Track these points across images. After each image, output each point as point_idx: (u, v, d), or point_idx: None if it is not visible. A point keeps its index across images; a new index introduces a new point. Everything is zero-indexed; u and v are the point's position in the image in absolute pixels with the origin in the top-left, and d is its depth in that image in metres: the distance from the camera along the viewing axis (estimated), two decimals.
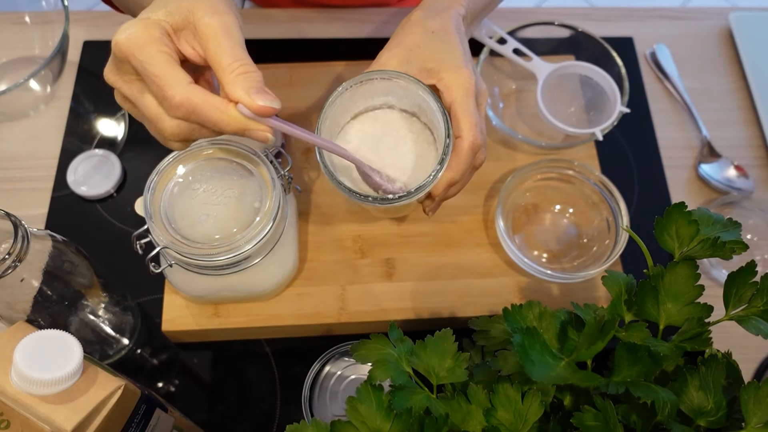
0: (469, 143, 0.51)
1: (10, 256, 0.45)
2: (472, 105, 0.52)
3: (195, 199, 0.55)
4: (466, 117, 0.51)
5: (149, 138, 0.74)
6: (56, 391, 0.39)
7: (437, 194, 0.53)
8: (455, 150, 0.52)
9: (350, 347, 0.47)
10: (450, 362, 0.45)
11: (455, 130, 0.52)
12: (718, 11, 0.87)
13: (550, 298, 0.65)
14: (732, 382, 0.46)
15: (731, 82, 0.82)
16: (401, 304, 0.63)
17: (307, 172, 0.70)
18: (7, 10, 0.78)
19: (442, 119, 0.51)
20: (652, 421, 0.42)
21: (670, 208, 0.48)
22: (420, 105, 0.55)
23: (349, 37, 0.81)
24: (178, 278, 0.58)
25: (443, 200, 0.55)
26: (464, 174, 0.52)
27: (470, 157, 0.52)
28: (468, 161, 0.52)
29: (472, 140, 0.51)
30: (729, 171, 0.75)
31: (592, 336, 0.41)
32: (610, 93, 0.71)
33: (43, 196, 0.71)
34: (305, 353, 0.62)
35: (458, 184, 0.53)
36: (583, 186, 0.68)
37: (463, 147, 0.51)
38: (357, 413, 0.42)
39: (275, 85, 0.74)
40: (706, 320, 0.45)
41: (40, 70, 0.67)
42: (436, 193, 0.53)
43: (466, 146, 0.51)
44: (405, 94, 0.54)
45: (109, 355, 0.63)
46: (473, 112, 0.52)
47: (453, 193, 0.55)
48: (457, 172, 0.52)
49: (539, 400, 0.42)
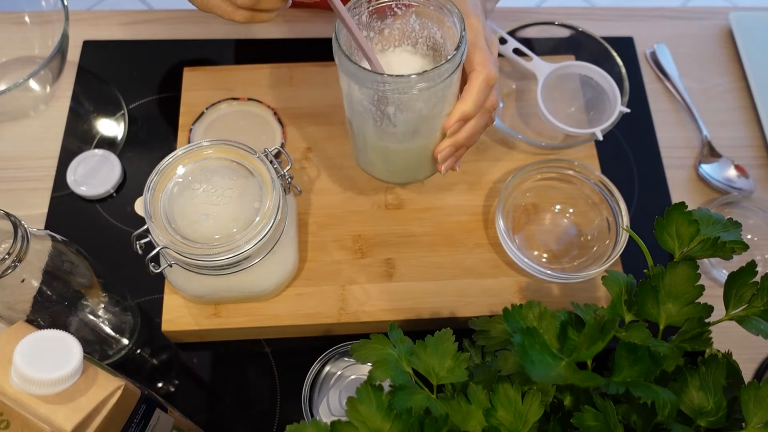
0: (483, 75, 0.51)
1: (9, 256, 0.45)
2: (483, 42, 0.52)
3: (195, 199, 0.55)
4: (478, 51, 0.51)
5: (149, 138, 0.75)
6: (56, 391, 0.39)
7: (448, 126, 0.52)
8: (469, 82, 0.51)
9: (350, 347, 0.47)
10: (450, 362, 0.45)
11: (468, 66, 0.51)
12: (718, 11, 0.87)
13: (550, 298, 0.65)
14: (732, 383, 0.46)
15: (731, 82, 0.82)
16: (401, 304, 0.63)
17: (307, 172, 0.70)
18: (7, 10, 0.78)
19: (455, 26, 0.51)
20: (653, 421, 0.42)
21: (670, 208, 0.48)
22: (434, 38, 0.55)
23: None
24: (178, 278, 0.58)
25: (457, 148, 0.54)
26: (477, 109, 0.52)
27: (485, 91, 0.51)
28: (482, 95, 0.51)
29: (486, 73, 0.51)
30: (729, 171, 0.74)
31: (592, 336, 0.41)
32: (610, 93, 0.71)
33: (42, 196, 0.71)
34: (305, 353, 0.62)
35: (472, 124, 0.53)
36: (583, 186, 0.68)
37: (477, 79, 0.51)
38: (357, 413, 0.42)
39: (275, 85, 0.74)
40: (707, 320, 0.45)
41: (39, 70, 0.67)
42: (448, 125, 0.52)
43: (480, 78, 0.51)
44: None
45: (108, 355, 0.63)
46: (485, 48, 0.52)
47: (465, 137, 0.54)
48: (470, 104, 0.51)
49: (539, 400, 0.42)
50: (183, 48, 0.81)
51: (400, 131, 0.54)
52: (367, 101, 0.53)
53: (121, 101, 0.77)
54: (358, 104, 0.54)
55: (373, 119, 0.54)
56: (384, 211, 0.68)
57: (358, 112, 0.55)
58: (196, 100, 0.73)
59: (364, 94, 0.52)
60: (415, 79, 0.48)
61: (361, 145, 0.60)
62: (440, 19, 0.53)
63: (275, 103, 0.73)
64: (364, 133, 0.57)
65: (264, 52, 0.80)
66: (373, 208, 0.68)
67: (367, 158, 0.61)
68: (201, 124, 0.71)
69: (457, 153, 0.56)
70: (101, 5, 1.83)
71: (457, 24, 0.51)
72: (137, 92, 0.78)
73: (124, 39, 0.81)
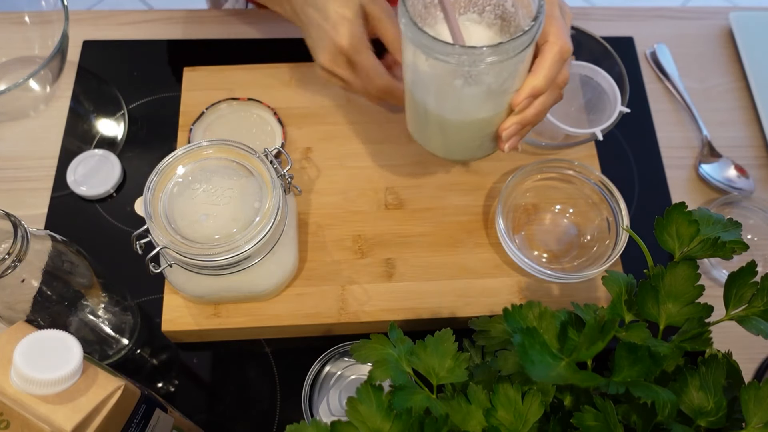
0: (558, 47, 0.48)
1: (9, 256, 0.45)
2: (557, 11, 0.49)
3: (195, 199, 0.55)
4: (552, 21, 0.49)
5: (149, 138, 0.75)
6: (56, 391, 0.39)
7: (517, 103, 0.50)
8: (542, 54, 0.48)
9: (350, 347, 0.47)
10: (450, 362, 0.45)
11: (541, 38, 0.49)
12: (719, 11, 0.87)
13: (550, 298, 0.64)
14: (732, 383, 0.46)
15: (731, 82, 0.82)
16: (401, 304, 0.63)
17: (307, 172, 0.70)
18: (7, 10, 0.78)
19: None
20: (653, 421, 0.42)
21: (670, 208, 0.48)
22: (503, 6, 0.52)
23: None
24: (178, 278, 0.58)
25: (524, 126, 0.52)
26: (549, 84, 0.49)
27: (558, 64, 0.49)
28: (555, 68, 0.49)
29: (561, 44, 0.48)
30: (729, 171, 0.74)
31: (592, 336, 0.41)
32: (610, 93, 0.71)
33: (42, 196, 0.71)
34: (305, 353, 0.62)
35: (541, 100, 0.51)
36: (583, 186, 0.68)
37: (551, 51, 0.48)
38: (357, 413, 0.42)
39: (275, 85, 0.74)
40: (707, 320, 0.45)
41: (39, 70, 0.67)
42: (517, 101, 0.50)
43: (555, 50, 0.48)
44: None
45: (108, 355, 0.63)
46: (560, 17, 0.49)
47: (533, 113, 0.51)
48: (541, 79, 0.49)
49: (539, 400, 0.42)
50: (183, 48, 0.81)
51: (466, 106, 0.51)
52: (434, 72, 0.49)
53: (121, 101, 0.77)
54: (422, 75, 0.51)
55: (438, 91, 0.51)
56: (384, 211, 0.68)
57: (421, 82, 0.52)
58: (196, 100, 0.73)
59: (430, 65, 0.49)
60: (488, 51, 0.45)
61: (420, 118, 0.57)
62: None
63: (275, 103, 0.73)
64: (426, 105, 0.53)
65: (264, 52, 0.80)
66: (373, 208, 0.68)
67: (424, 132, 0.58)
68: (201, 124, 0.71)
69: (522, 131, 0.54)
70: (101, 5, 1.83)
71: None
72: (137, 92, 0.78)
73: (124, 39, 0.81)
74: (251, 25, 0.82)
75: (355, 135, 0.72)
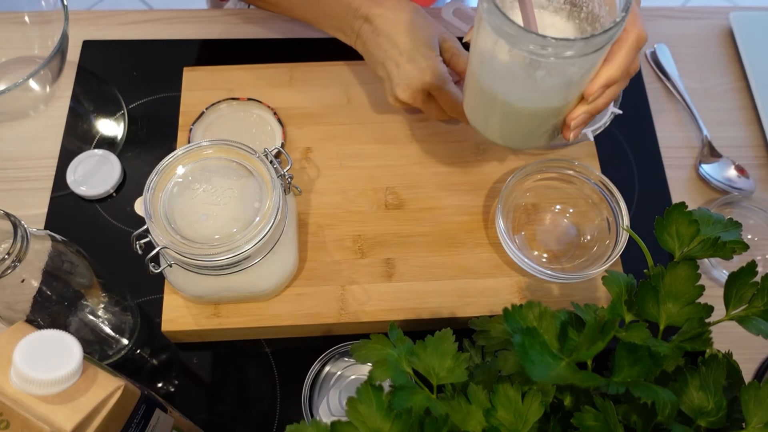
0: (634, 36, 0.48)
1: (9, 256, 0.45)
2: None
3: (195, 199, 0.55)
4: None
5: (149, 138, 0.75)
6: (56, 391, 0.39)
7: (592, 92, 0.49)
8: (618, 42, 0.48)
9: (350, 347, 0.47)
10: (450, 362, 0.45)
11: None
12: (719, 11, 0.87)
13: (550, 298, 0.64)
14: (732, 383, 0.46)
15: (732, 82, 0.82)
16: (401, 304, 0.63)
17: (307, 172, 0.70)
18: (7, 10, 0.78)
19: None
20: (653, 421, 0.42)
21: (670, 208, 0.48)
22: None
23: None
24: (178, 278, 0.58)
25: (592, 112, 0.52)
26: (623, 72, 0.49)
27: (634, 51, 0.48)
28: (631, 55, 0.48)
29: (637, 32, 0.48)
30: (729, 171, 0.74)
31: (592, 336, 0.41)
32: None
33: (42, 196, 0.71)
34: (305, 353, 0.62)
35: (612, 89, 0.50)
36: (583, 186, 0.68)
37: (628, 39, 0.48)
38: (357, 413, 0.42)
39: (275, 85, 0.74)
40: (707, 320, 0.45)
41: (39, 70, 0.67)
42: (591, 91, 0.49)
43: (632, 38, 0.48)
44: None
45: (108, 355, 0.63)
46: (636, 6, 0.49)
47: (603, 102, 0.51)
48: (616, 69, 0.48)
49: (539, 401, 0.42)
50: (183, 48, 0.81)
51: (541, 96, 0.50)
52: (514, 61, 0.48)
53: (121, 101, 0.77)
54: (500, 63, 0.49)
55: (514, 81, 0.49)
56: (384, 211, 0.68)
57: (496, 70, 0.50)
58: (195, 100, 0.73)
59: (513, 54, 0.47)
60: (580, 44, 0.44)
61: (484, 105, 0.54)
62: None
63: (275, 103, 0.73)
64: (495, 92, 0.51)
65: (264, 52, 0.80)
66: (373, 208, 0.68)
67: (486, 118, 0.56)
68: (201, 124, 0.71)
69: (588, 119, 0.53)
70: (101, 5, 1.83)
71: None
72: (137, 92, 0.78)
73: (124, 39, 0.81)
74: (251, 25, 0.82)
75: (355, 135, 0.72)
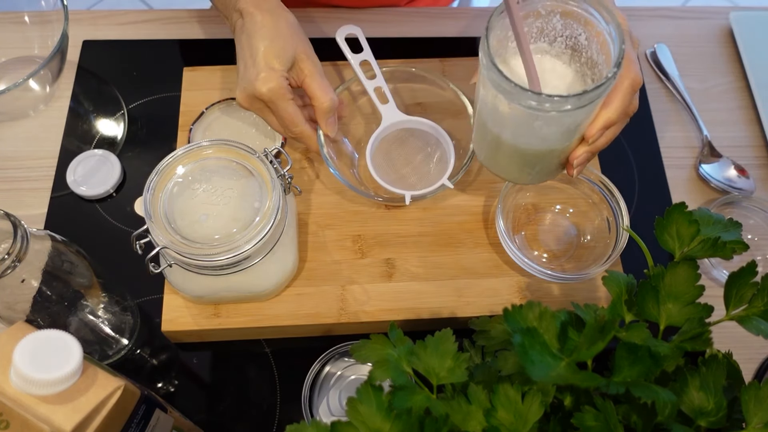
0: (629, 81, 0.50)
1: (9, 256, 0.45)
2: (629, 44, 0.50)
3: (195, 199, 0.55)
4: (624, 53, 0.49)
5: (149, 138, 0.75)
6: (56, 391, 0.39)
7: (591, 135, 0.51)
8: (614, 88, 0.50)
9: (350, 347, 0.47)
10: (450, 362, 0.45)
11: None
12: (719, 11, 0.87)
13: (550, 298, 0.64)
14: (732, 383, 0.46)
15: (732, 82, 0.82)
16: (401, 304, 0.63)
17: (307, 172, 0.70)
18: (7, 10, 0.78)
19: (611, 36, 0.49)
20: (653, 421, 0.42)
21: (670, 208, 0.48)
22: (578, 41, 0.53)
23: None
24: (178, 278, 0.58)
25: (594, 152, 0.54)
26: (620, 115, 0.51)
27: (629, 96, 0.51)
28: (626, 99, 0.51)
29: (632, 77, 0.50)
30: (729, 171, 0.74)
31: (592, 336, 0.41)
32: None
33: (42, 196, 0.71)
34: (305, 353, 0.62)
35: (612, 129, 0.52)
36: (583, 186, 0.68)
37: (623, 84, 0.50)
38: (357, 413, 0.42)
39: None
40: (707, 320, 0.45)
41: (39, 70, 0.67)
42: (591, 134, 0.51)
43: (626, 83, 0.50)
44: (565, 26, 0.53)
45: (108, 355, 0.63)
46: (631, 49, 0.51)
47: (604, 142, 0.53)
48: (614, 112, 0.50)
49: (539, 401, 0.42)
50: (183, 48, 0.81)
51: (541, 141, 0.52)
52: (513, 113, 0.50)
53: (121, 101, 0.77)
54: (500, 113, 0.51)
55: (516, 128, 0.52)
56: (384, 211, 0.68)
57: (498, 118, 0.53)
58: (195, 100, 0.73)
59: (512, 107, 0.49)
60: (572, 100, 0.47)
61: (490, 146, 0.57)
62: (588, 21, 0.51)
63: None
64: (500, 138, 0.54)
65: None
66: (373, 208, 0.68)
67: (494, 159, 0.59)
68: (201, 124, 0.71)
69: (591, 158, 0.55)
70: (101, 5, 1.83)
71: (615, 35, 0.48)
72: (137, 92, 0.78)
73: (123, 39, 0.81)
74: None
75: (357, 133, 0.72)
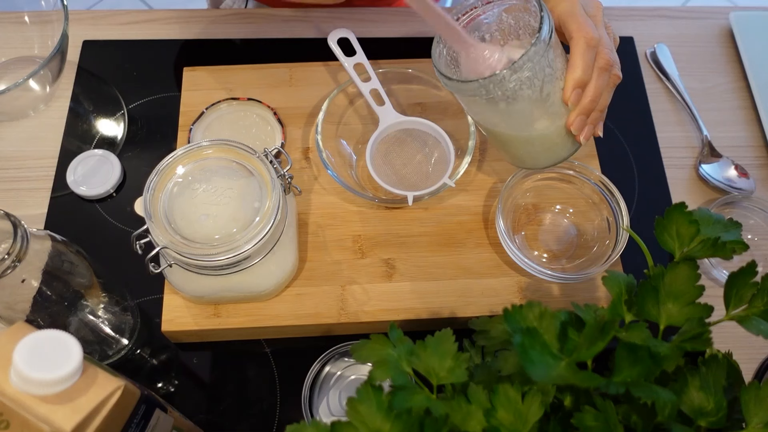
0: (582, 40, 0.53)
1: (9, 256, 0.45)
2: (578, 9, 0.54)
3: (195, 199, 0.55)
4: (572, 19, 0.54)
5: (149, 138, 0.75)
6: (56, 391, 0.39)
7: (567, 97, 0.54)
8: (571, 50, 0.54)
9: (350, 347, 0.47)
10: (450, 362, 0.45)
11: (567, 36, 0.55)
12: (719, 11, 0.87)
13: (550, 298, 0.64)
14: (733, 383, 0.46)
15: (732, 82, 0.82)
16: (401, 304, 0.63)
17: (307, 172, 0.70)
18: (7, 10, 0.78)
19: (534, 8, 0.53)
20: (653, 421, 0.42)
21: (670, 208, 0.48)
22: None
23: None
24: (178, 278, 0.58)
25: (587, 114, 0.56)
26: (587, 72, 0.54)
27: (588, 52, 0.54)
28: (587, 56, 0.53)
29: (584, 36, 0.53)
30: (729, 171, 0.74)
31: (592, 336, 0.41)
32: None
33: (42, 196, 0.71)
34: (305, 353, 0.62)
35: (591, 87, 0.54)
36: (584, 186, 0.68)
37: (577, 45, 0.53)
38: (357, 413, 0.42)
39: (275, 85, 0.74)
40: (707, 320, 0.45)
41: (39, 70, 0.67)
42: (566, 96, 0.54)
43: (580, 43, 0.53)
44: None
45: (108, 355, 0.63)
46: (580, 14, 0.54)
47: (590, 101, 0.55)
48: (578, 71, 0.53)
49: (539, 401, 0.41)
50: (183, 48, 0.81)
51: (522, 121, 0.56)
52: (481, 106, 0.55)
53: (121, 101, 0.77)
54: (473, 110, 0.58)
55: (494, 118, 0.57)
56: (384, 211, 0.68)
57: (485, 120, 0.58)
58: (195, 100, 0.73)
59: (476, 102, 0.55)
60: (506, 73, 0.50)
61: (499, 145, 0.62)
62: (526, 7, 0.56)
63: (275, 103, 0.73)
64: (495, 133, 0.59)
65: (264, 52, 0.80)
66: (374, 208, 0.68)
67: (509, 153, 0.62)
68: (201, 124, 0.71)
69: (591, 119, 0.57)
70: (101, 5, 1.83)
71: (536, 4, 0.53)
72: (137, 92, 0.78)
73: (123, 39, 0.81)
74: (251, 25, 0.82)
75: (355, 135, 0.72)
